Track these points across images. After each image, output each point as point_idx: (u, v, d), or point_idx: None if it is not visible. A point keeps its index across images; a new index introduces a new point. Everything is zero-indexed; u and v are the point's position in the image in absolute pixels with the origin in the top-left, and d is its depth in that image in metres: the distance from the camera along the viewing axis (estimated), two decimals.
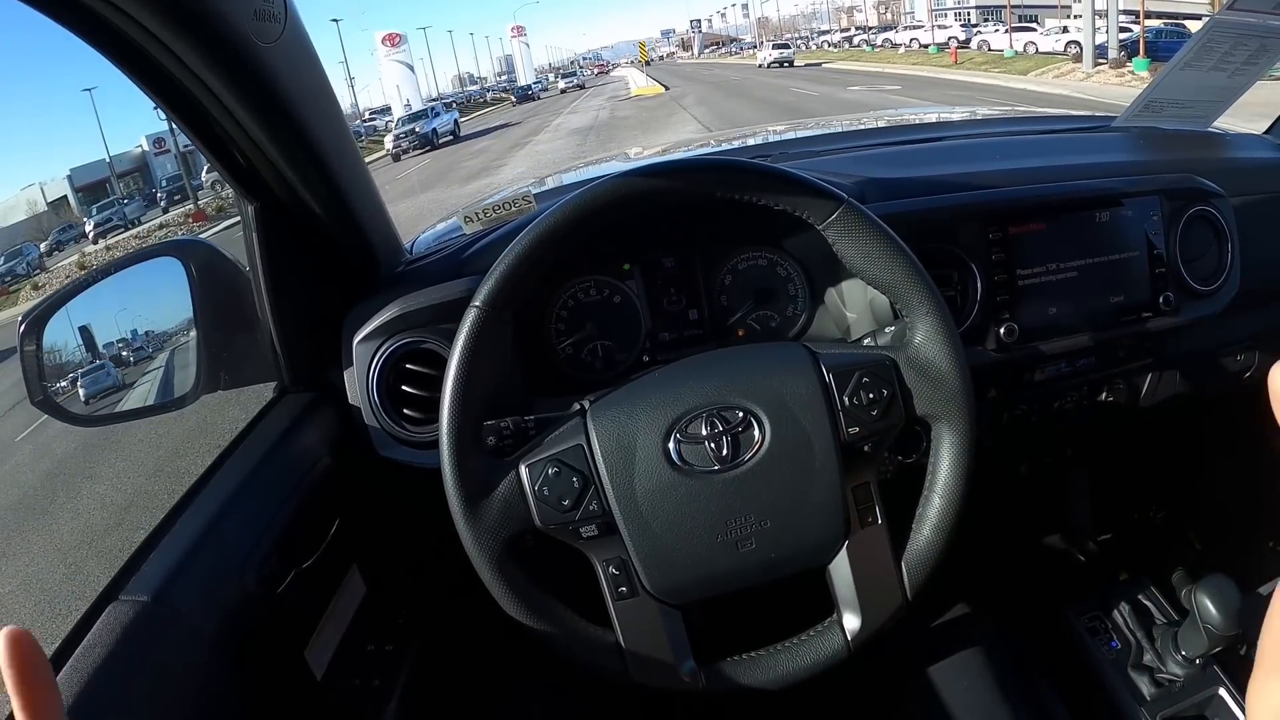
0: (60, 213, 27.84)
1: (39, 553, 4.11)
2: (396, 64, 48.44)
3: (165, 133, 28.09)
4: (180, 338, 1.07)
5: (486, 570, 0.74)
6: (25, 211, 27.57)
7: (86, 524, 4.27)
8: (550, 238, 0.76)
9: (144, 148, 30.59)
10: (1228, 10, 1.30)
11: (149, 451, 4.91)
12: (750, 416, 0.76)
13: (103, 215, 24.94)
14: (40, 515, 4.65)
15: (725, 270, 1.07)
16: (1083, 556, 1.59)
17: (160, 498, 4.18)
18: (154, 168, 30.19)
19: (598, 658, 0.77)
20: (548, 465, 0.74)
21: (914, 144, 1.38)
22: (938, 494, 0.78)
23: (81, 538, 4.13)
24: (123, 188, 30.01)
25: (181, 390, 1.00)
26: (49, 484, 5.14)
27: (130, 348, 1.11)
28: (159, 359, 1.11)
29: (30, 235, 24.53)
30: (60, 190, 29.03)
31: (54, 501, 4.77)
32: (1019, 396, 1.15)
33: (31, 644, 0.41)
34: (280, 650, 0.85)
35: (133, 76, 0.73)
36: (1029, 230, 1.06)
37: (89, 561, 3.81)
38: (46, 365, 0.95)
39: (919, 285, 0.78)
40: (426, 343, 0.96)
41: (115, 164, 30.80)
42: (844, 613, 0.78)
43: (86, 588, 3.52)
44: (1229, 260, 1.16)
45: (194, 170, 25.24)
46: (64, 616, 3.30)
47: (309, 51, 0.80)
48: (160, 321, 1.10)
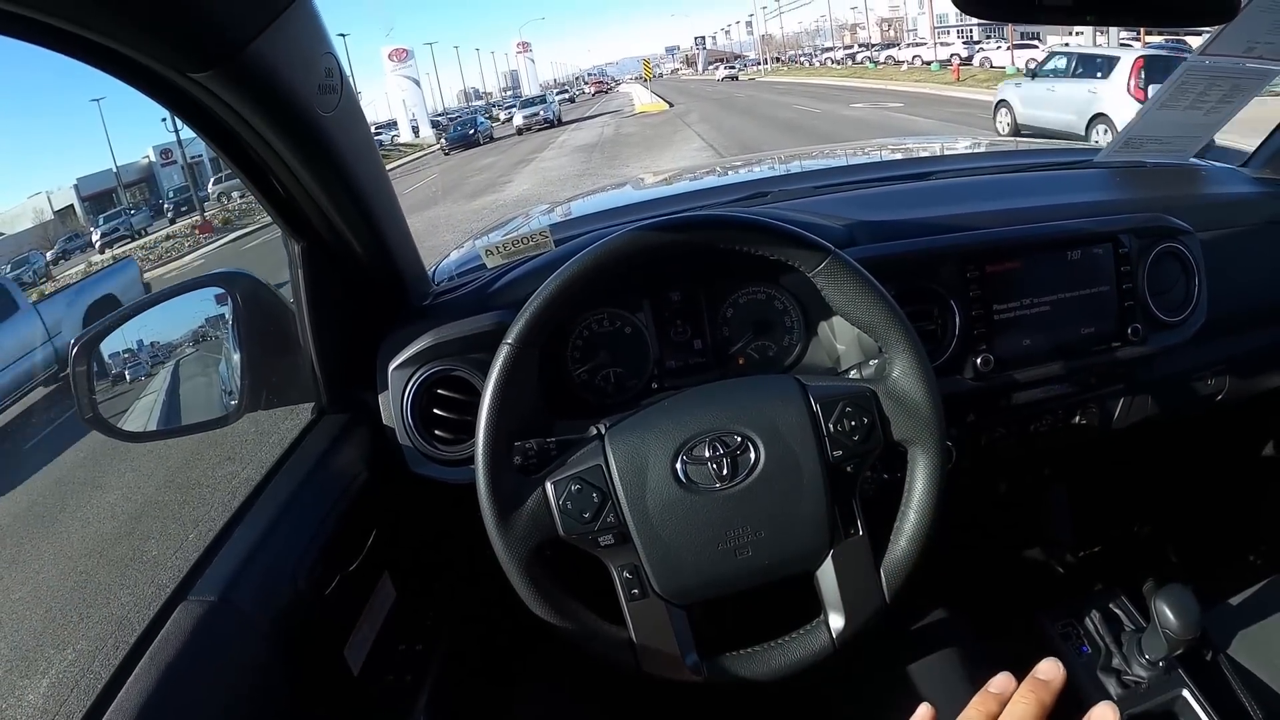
0: (67, 221, 27.70)
1: (49, 558, 4.15)
2: (402, 79, 48.46)
3: (172, 144, 28.05)
4: (216, 360, 1.15)
5: (516, 574, 0.84)
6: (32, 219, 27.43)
7: (96, 533, 4.31)
8: (574, 285, 0.86)
9: (151, 158, 30.54)
10: (1200, 55, 1.35)
11: (158, 464, 4.94)
12: (748, 441, 0.85)
13: (109, 225, 24.78)
14: (50, 522, 4.68)
15: (727, 304, 1.15)
16: (1059, 568, 1.66)
17: (171, 508, 4.23)
18: (161, 179, 30.13)
19: (612, 652, 0.86)
20: (571, 483, 0.84)
21: (903, 181, 1.46)
22: (913, 509, 0.88)
23: (91, 546, 4.17)
24: (129, 198, 29.93)
25: (225, 410, 1.08)
26: (58, 492, 5.18)
27: (175, 369, 1.19)
28: (203, 380, 1.20)
29: (37, 243, 24.44)
30: (67, 199, 28.89)
31: (63, 510, 4.81)
32: (996, 420, 1.24)
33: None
34: (323, 648, 0.93)
35: (203, 135, 0.81)
36: (1005, 268, 1.15)
37: (99, 570, 3.85)
38: (95, 385, 1.04)
39: (897, 326, 0.88)
40: (457, 370, 1.05)
41: (122, 174, 30.71)
42: (830, 614, 0.88)
43: (97, 595, 3.58)
44: (1195, 293, 1.23)
45: (200, 182, 25.22)
46: (75, 623, 3.35)
47: (358, 113, 0.89)
48: (205, 346, 1.19)
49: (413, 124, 46.56)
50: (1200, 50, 1.36)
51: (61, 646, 3.15)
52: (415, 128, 46.26)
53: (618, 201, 1.79)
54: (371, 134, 0.95)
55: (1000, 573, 1.66)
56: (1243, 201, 1.43)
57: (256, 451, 3.59)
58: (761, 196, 1.38)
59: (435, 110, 62.07)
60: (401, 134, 45.93)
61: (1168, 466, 1.69)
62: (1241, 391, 1.42)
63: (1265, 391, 1.47)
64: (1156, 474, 1.70)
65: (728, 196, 1.47)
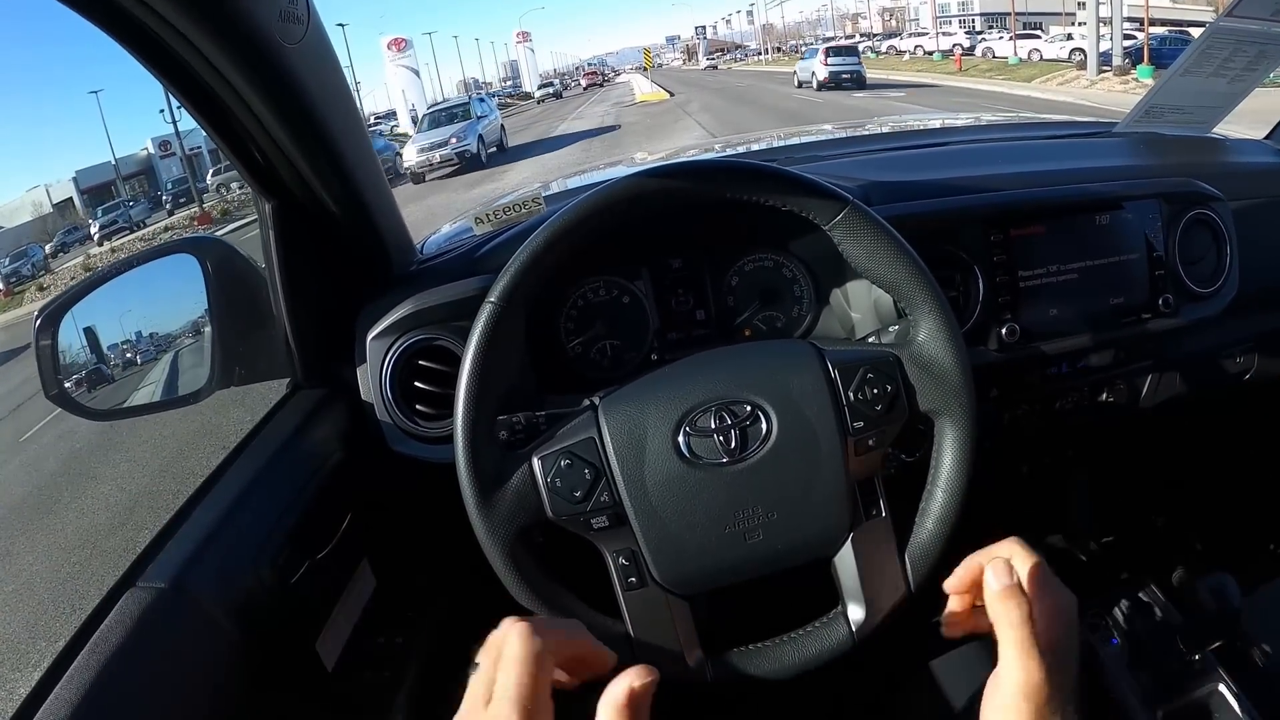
0: (66, 214, 27.88)
1: (42, 551, 4.14)
2: (402, 69, 48.47)
3: (171, 136, 28.16)
4: (194, 333, 1.09)
5: (499, 560, 0.76)
6: (31, 213, 27.62)
7: (90, 523, 4.29)
8: (564, 235, 0.77)
9: (150, 150, 30.68)
10: (1226, 17, 1.31)
11: (154, 452, 4.93)
12: (758, 410, 0.77)
13: (108, 217, 24.95)
14: (44, 514, 4.67)
15: (732, 272, 1.09)
16: (1084, 556, 1.60)
17: (165, 498, 4.20)
18: (159, 170, 30.27)
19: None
20: (560, 457, 0.76)
21: (918, 149, 1.40)
22: (940, 488, 0.80)
23: (85, 537, 4.15)
24: (128, 190, 30.08)
25: (195, 385, 1.01)
26: (53, 483, 5.17)
27: (143, 342, 1.13)
28: (172, 354, 1.13)
29: (36, 236, 24.58)
30: (66, 192, 29.09)
31: (58, 501, 4.79)
32: (1021, 396, 1.17)
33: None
34: (292, 641, 0.86)
35: (156, 72, 0.75)
36: (1030, 233, 1.08)
37: (92, 561, 3.84)
38: (61, 360, 0.97)
39: (922, 284, 0.80)
40: (439, 340, 0.98)
41: (121, 166, 30.88)
42: (849, 604, 0.79)
43: (90, 586, 3.55)
44: (1228, 263, 1.18)
45: (199, 174, 25.32)
46: (69, 614, 3.33)
47: (329, 53, 0.82)
48: (175, 317, 1.12)
49: (412, 114, 46.44)
50: (1226, 11, 1.32)
51: (53, 639, 3.13)
52: (415, 118, 46.34)
53: (617, 175, 1.72)
54: (345, 80, 0.88)
55: None
56: (1270, 172, 1.38)
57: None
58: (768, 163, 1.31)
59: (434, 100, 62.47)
60: (401, 124, 45.99)
61: (1193, 450, 1.64)
62: (1270, 370, 1.37)
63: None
64: (1182, 458, 1.65)
65: None
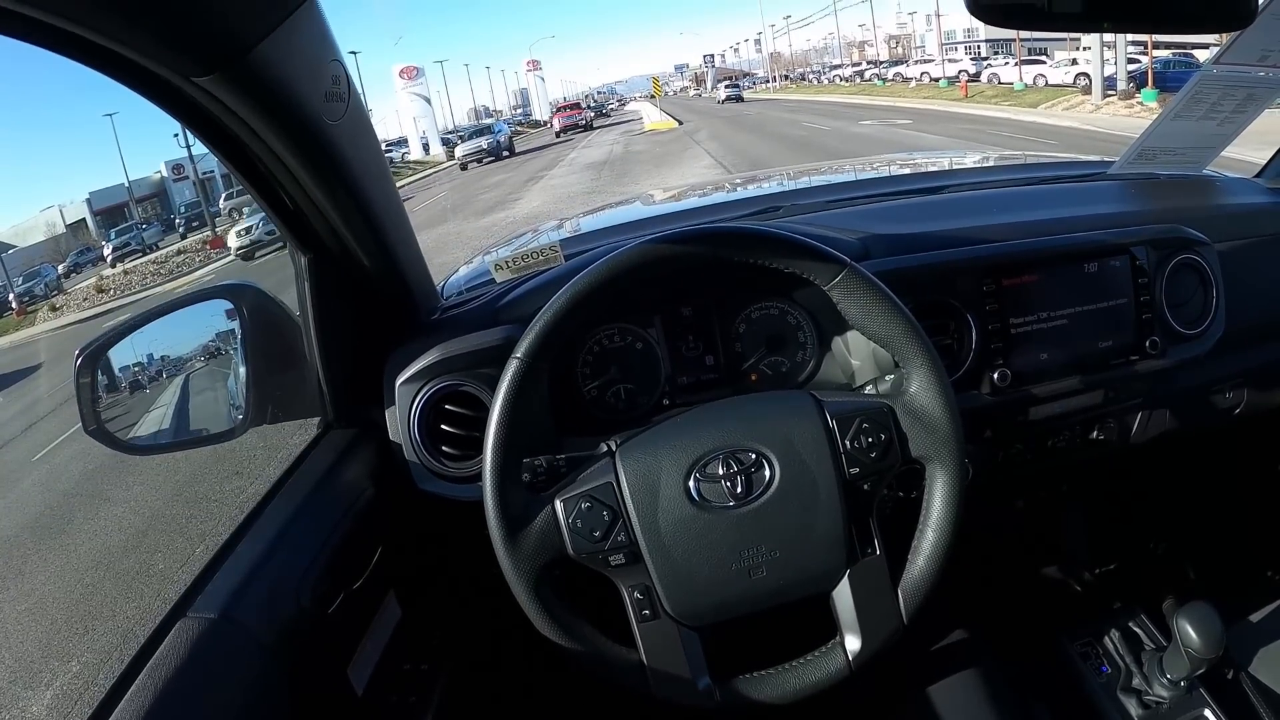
0: (79, 235, 27.90)
1: (55, 572, 4.15)
2: (414, 96, 48.69)
3: (184, 159, 28.25)
4: (229, 375, 1.14)
5: (524, 594, 0.82)
6: (44, 233, 27.64)
7: (103, 545, 4.31)
8: (583, 298, 0.84)
9: (163, 173, 30.76)
10: (1215, 63, 1.35)
11: (166, 478, 4.95)
12: (762, 458, 0.83)
13: (121, 239, 24.94)
14: (56, 534, 4.69)
15: (740, 319, 1.14)
16: (1078, 586, 1.63)
17: (178, 522, 4.22)
18: (172, 193, 30.34)
19: (623, 675, 0.84)
20: (581, 500, 0.82)
21: (917, 195, 1.45)
22: (931, 528, 0.85)
23: (98, 559, 4.16)
24: (141, 212, 30.14)
25: (231, 423, 1.07)
26: (65, 504, 5.18)
27: (180, 381, 1.18)
28: (208, 393, 1.18)
29: (49, 256, 24.61)
30: (79, 213, 29.13)
31: (70, 522, 4.81)
32: (1014, 436, 1.21)
33: None
34: (327, 667, 0.92)
35: (209, 144, 0.80)
36: (1021, 282, 1.13)
37: (105, 583, 3.85)
38: (101, 397, 1.02)
39: (914, 340, 0.86)
40: (465, 386, 1.03)
41: (134, 189, 30.95)
42: (846, 635, 0.85)
43: (103, 608, 3.58)
44: (1214, 304, 1.22)
45: (212, 197, 25.37)
46: (81, 635, 3.35)
47: (366, 124, 0.88)
48: (211, 358, 1.17)
49: (423, 141, 46.73)
50: (1214, 60, 1.36)
51: (66, 658, 3.16)
52: (426, 145, 46.47)
53: (628, 217, 1.79)
54: (379, 145, 0.95)
55: (1018, 592, 1.64)
56: (1259, 212, 1.41)
57: (265, 466, 3.59)
58: (773, 211, 1.36)
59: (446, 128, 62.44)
60: (412, 151, 46.16)
61: (1186, 482, 1.67)
62: (1260, 404, 1.40)
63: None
64: (1175, 490, 1.68)
65: (739, 212, 1.46)
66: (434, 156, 43.24)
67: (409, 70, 49.74)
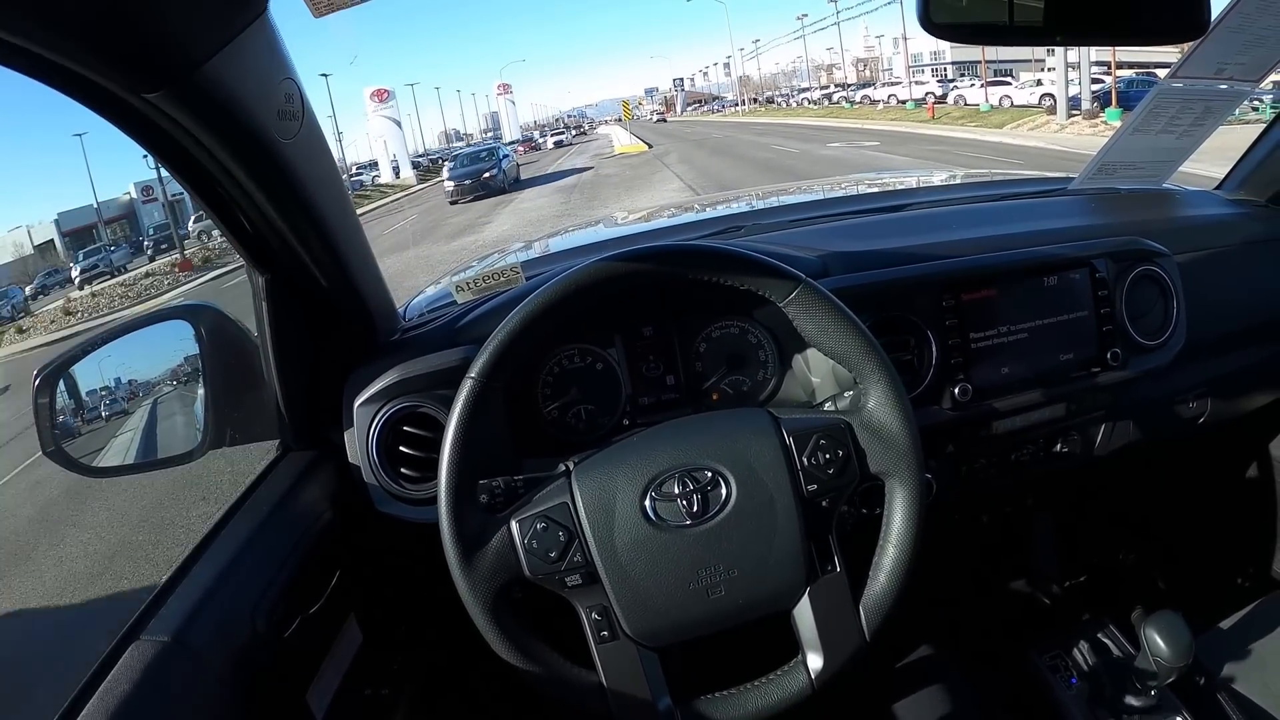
0: (46, 256, 27.55)
1: (19, 599, 4.07)
2: (384, 119, 48.58)
3: (154, 181, 28.02)
4: (187, 396, 1.12)
5: (480, 616, 0.80)
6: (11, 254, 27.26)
7: (69, 571, 4.22)
8: (537, 317, 0.83)
9: (132, 195, 30.49)
10: (1171, 77, 1.37)
11: (132, 503, 4.86)
12: (718, 476, 0.83)
13: (89, 261, 24.65)
14: (23, 561, 4.59)
15: (700, 338, 1.14)
16: (1046, 599, 1.64)
17: (145, 548, 4.15)
18: (141, 215, 30.06)
19: (582, 697, 0.82)
20: (536, 521, 0.81)
21: (879, 213, 1.46)
22: (892, 544, 0.85)
23: (64, 585, 4.09)
24: (110, 234, 29.84)
25: (189, 446, 1.05)
26: (29, 529, 5.08)
27: (138, 403, 1.16)
28: (167, 415, 1.17)
29: (16, 278, 24.27)
30: (47, 234, 28.79)
31: (36, 548, 4.72)
32: (977, 450, 1.22)
33: None
34: (284, 693, 0.90)
35: (163, 161, 0.79)
36: (981, 296, 1.14)
37: (70, 611, 3.77)
38: (59, 418, 1.01)
39: (871, 356, 0.86)
40: (423, 407, 1.02)
41: (103, 210, 30.66)
42: (808, 654, 0.84)
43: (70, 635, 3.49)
44: (1175, 315, 1.23)
45: (181, 220, 25.13)
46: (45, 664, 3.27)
47: (321, 143, 0.88)
48: (169, 380, 1.16)
49: (393, 164, 46.63)
50: (1171, 73, 1.38)
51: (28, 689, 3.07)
52: (396, 168, 46.42)
53: (594, 238, 1.79)
54: (335, 164, 0.94)
55: (986, 606, 1.64)
56: (1218, 223, 1.44)
57: (232, 491, 3.52)
58: (735, 230, 1.37)
59: (416, 151, 62.38)
60: (382, 174, 46.09)
61: (1152, 492, 1.68)
62: (1223, 413, 1.42)
63: (1247, 413, 1.47)
64: (1141, 500, 1.69)
65: (702, 231, 1.46)
66: (405, 179, 43.18)
67: (380, 93, 49.72)
